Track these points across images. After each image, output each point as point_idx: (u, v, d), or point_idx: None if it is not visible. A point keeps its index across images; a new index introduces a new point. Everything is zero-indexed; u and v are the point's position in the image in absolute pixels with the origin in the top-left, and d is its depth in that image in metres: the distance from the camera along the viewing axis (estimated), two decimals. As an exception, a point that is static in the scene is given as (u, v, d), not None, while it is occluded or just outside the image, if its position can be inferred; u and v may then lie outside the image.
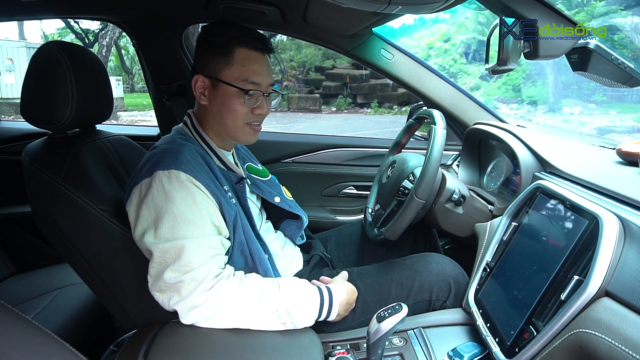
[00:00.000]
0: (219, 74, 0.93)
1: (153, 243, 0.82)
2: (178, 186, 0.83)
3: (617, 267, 0.62)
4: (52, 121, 0.92)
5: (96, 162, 0.98)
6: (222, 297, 0.81)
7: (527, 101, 8.67)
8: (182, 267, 0.80)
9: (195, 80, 0.94)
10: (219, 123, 0.97)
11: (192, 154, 0.90)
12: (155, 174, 0.84)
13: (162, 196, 0.83)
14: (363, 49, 1.50)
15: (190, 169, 0.86)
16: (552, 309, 0.68)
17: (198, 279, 0.80)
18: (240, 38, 0.92)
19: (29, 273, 1.51)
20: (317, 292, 0.91)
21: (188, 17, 1.51)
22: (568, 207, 0.77)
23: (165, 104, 1.58)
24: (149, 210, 0.83)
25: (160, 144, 0.94)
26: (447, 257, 1.08)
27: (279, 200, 1.11)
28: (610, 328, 0.57)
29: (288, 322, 0.85)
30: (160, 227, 0.81)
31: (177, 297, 0.81)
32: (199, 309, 0.81)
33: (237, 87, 0.92)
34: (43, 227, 0.95)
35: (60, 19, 11.28)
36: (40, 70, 0.92)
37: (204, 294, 0.80)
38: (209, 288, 0.81)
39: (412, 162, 1.16)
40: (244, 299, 0.83)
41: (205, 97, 0.95)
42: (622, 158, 0.93)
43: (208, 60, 0.93)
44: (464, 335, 0.90)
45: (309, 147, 1.73)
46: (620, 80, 0.75)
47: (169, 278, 0.80)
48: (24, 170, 0.94)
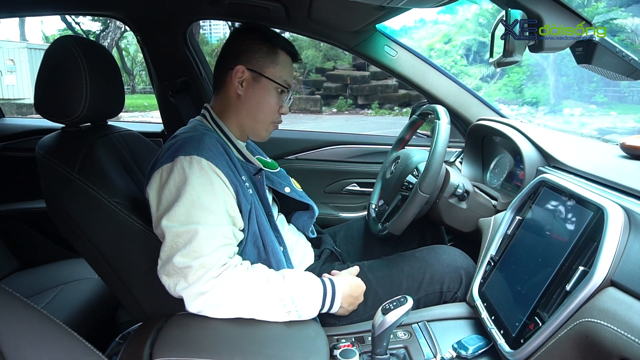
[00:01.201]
0: (264, 69, 0.99)
1: (167, 226, 0.82)
2: (199, 172, 0.85)
3: (622, 257, 0.63)
4: (66, 115, 0.93)
5: (109, 155, 0.99)
6: (229, 285, 0.82)
7: (527, 102, 8.67)
8: (192, 253, 0.80)
9: (236, 70, 0.98)
10: (250, 115, 1.01)
11: (213, 143, 0.91)
12: (177, 159, 0.85)
13: (182, 180, 0.84)
14: (367, 45, 1.50)
15: (212, 156, 0.88)
16: (557, 300, 0.68)
17: (206, 266, 0.80)
18: (287, 45, 1.02)
19: (32, 269, 1.51)
20: (320, 283, 0.92)
21: (193, 14, 1.52)
22: (572, 200, 0.78)
23: (169, 100, 1.59)
24: (170, 193, 0.84)
25: (181, 133, 0.95)
26: (458, 249, 1.09)
27: (289, 191, 1.11)
28: (616, 317, 0.57)
29: (293, 311, 0.85)
30: (175, 210, 0.82)
31: (184, 282, 0.81)
32: (205, 296, 0.81)
33: (280, 84, 1.00)
34: (57, 220, 0.96)
35: (61, 20, 11.31)
36: (55, 64, 0.92)
37: (211, 281, 0.80)
38: (216, 275, 0.81)
39: (416, 157, 1.17)
40: (251, 287, 0.83)
41: (242, 87, 0.98)
42: (626, 152, 0.94)
43: (256, 55, 0.99)
44: (469, 328, 0.91)
45: (312, 144, 1.74)
46: (625, 73, 0.75)
47: (178, 262, 0.80)
48: (38, 164, 0.94)
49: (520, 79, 9.08)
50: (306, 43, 11.21)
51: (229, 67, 0.99)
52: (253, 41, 1.00)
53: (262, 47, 0.99)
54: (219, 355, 0.76)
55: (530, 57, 8.69)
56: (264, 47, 0.99)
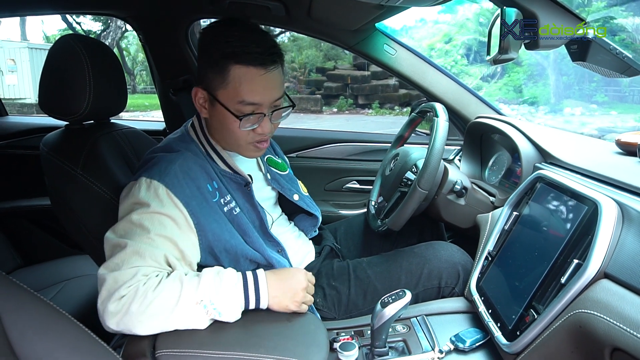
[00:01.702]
0: (215, 92, 0.86)
1: (107, 237, 0.80)
2: (153, 197, 0.82)
3: (615, 250, 0.64)
4: (69, 112, 0.94)
5: (112, 152, 1.00)
6: (139, 300, 0.73)
7: (528, 102, 8.67)
8: (111, 264, 0.76)
9: (195, 92, 0.89)
10: (223, 137, 0.93)
11: (185, 167, 0.87)
12: (140, 179, 0.84)
13: (135, 200, 0.82)
14: (366, 44, 1.52)
15: (174, 184, 0.84)
16: (553, 292, 0.70)
17: (119, 281, 0.74)
18: (237, 55, 0.82)
19: (35, 266, 1.52)
20: (239, 276, 0.83)
21: (194, 13, 1.53)
22: (568, 195, 0.79)
23: (171, 98, 1.61)
24: (122, 209, 0.83)
25: (159, 149, 0.94)
26: (456, 245, 1.10)
27: (298, 198, 1.11)
28: (609, 307, 0.59)
29: (213, 313, 0.78)
30: (119, 225, 0.81)
31: (100, 297, 0.74)
32: (119, 316, 0.73)
33: (231, 112, 0.85)
34: (61, 215, 0.97)
35: (61, 20, 11.33)
36: (59, 62, 0.94)
37: (122, 298, 0.73)
38: (125, 294, 0.73)
39: (415, 154, 1.18)
40: (165, 296, 0.74)
41: (206, 109, 0.90)
42: (621, 148, 0.95)
43: (207, 74, 0.86)
44: (467, 322, 0.92)
45: (312, 142, 1.75)
46: (619, 70, 0.76)
47: (99, 273, 0.76)
48: (42, 160, 0.96)
49: (521, 78, 9.08)
50: (307, 43, 11.22)
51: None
52: (202, 57, 0.87)
53: (211, 61, 0.84)
54: (220, 348, 0.77)
55: (531, 56, 8.68)
56: (210, 65, 0.85)
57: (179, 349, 0.77)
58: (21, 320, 0.52)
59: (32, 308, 0.55)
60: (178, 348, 0.77)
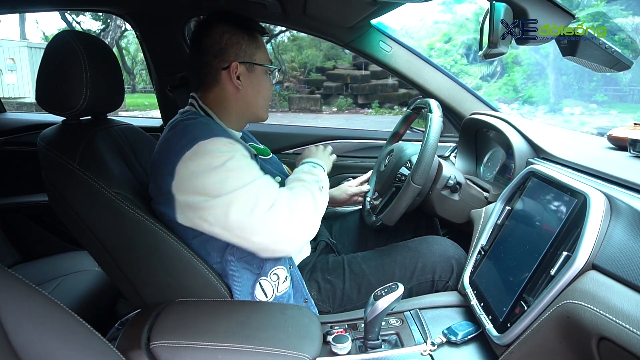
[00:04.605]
0: (253, 57, 1.00)
1: (230, 199, 0.84)
2: (227, 148, 0.88)
3: (603, 242, 0.65)
4: (66, 107, 0.95)
5: (109, 147, 1.01)
6: (292, 202, 0.89)
7: (527, 101, 8.67)
8: (269, 198, 0.86)
9: (235, 67, 0.98)
10: (251, 103, 1.03)
11: (215, 126, 0.95)
12: (199, 144, 0.86)
13: (219, 159, 0.85)
14: (362, 41, 1.52)
15: (227, 135, 0.92)
16: (543, 284, 0.71)
17: (283, 201, 0.87)
18: (256, 25, 1.02)
19: (33, 261, 1.53)
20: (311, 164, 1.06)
21: (191, 10, 1.54)
22: (558, 189, 0.80)
23: (168, 95, 1.61)
24: (216, 174, 0.84)
25: (182, 120, 0.95)
26: (450, 240, 1.11)
27: (280, 180, 1.13)
28: (596, 298, 0.59)
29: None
30: (228, 183, 0.84)
31: (280, 219, 0.85)
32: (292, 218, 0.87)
33: (272, 67, 1.03)
34: (58, 210, 0.98)
35: (60, 19, 11.32)
36: (56, 57, 0.94)
37: (286, 208, 0.86)
38: (287, 203, 0.87)
39: (410, 150, 1.19)
40: (306, 198, 0.91)
41: (240, 82, 0.99)
42: (612, 143, 0.96)
43: (242, 47, 0.98)
44: (459, 316, 0.93)
45: (309, 139, 1.76)
46: (608, 64, 0.77)
47: (263, 212, 0.84)
48: (39, 155, 0.96)
49: (521, 78, 9.08)
50: (307, 42, 11.21)
51: (220, 67, 0.98)
52: (231, 34, 0.99)
53: (243, 36, 0.99)
54: (214, 339, 0.78)
55: (531, 56, 8.68)
56: (244, 35, 0.99)
57: (174, 341, 0.78)
58: (18, 310, 0.52)
59: (29, 299, 0.55)
60: (173, 339, 0.78)
